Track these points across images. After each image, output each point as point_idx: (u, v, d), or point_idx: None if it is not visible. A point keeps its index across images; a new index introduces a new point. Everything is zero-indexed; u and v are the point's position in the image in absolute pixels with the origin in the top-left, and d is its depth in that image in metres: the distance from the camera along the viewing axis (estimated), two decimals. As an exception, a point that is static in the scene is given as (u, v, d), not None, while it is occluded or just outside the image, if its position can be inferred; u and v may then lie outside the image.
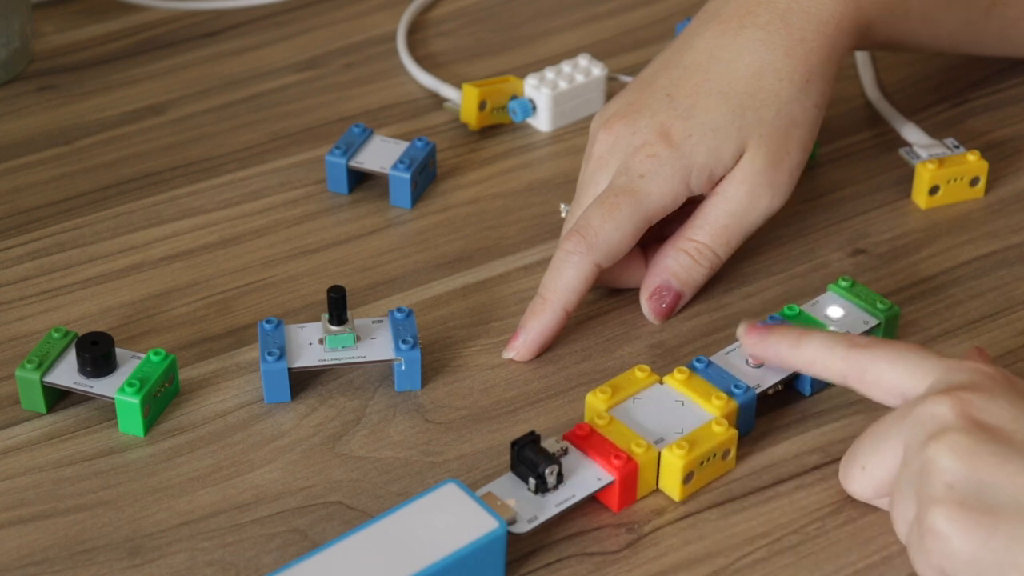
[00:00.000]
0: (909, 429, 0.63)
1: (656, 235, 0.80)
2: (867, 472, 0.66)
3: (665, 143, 0.77)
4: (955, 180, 0.86)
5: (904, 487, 0.63)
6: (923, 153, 0.87)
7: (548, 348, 0.77)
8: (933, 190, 0.86)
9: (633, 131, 0.78)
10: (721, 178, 0.77)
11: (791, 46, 0.78)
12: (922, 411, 0.62)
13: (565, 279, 0.76)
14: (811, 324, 0.75)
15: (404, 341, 0.74)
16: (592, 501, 0.68)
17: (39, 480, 0.70)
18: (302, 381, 0.75)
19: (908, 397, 0.65)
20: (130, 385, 0.71)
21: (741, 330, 0.71)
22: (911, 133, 0.89)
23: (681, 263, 0.78)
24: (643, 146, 0.77)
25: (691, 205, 0.79)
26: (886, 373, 0.66)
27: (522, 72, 0.95)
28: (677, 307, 0.78)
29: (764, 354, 0.71)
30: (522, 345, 0.76)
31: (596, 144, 0.79)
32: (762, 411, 0.73)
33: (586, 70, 0.93)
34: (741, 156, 0.77)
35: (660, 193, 0.76)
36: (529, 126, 0.93)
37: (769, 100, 0.78)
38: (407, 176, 0.86)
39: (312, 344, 0.74)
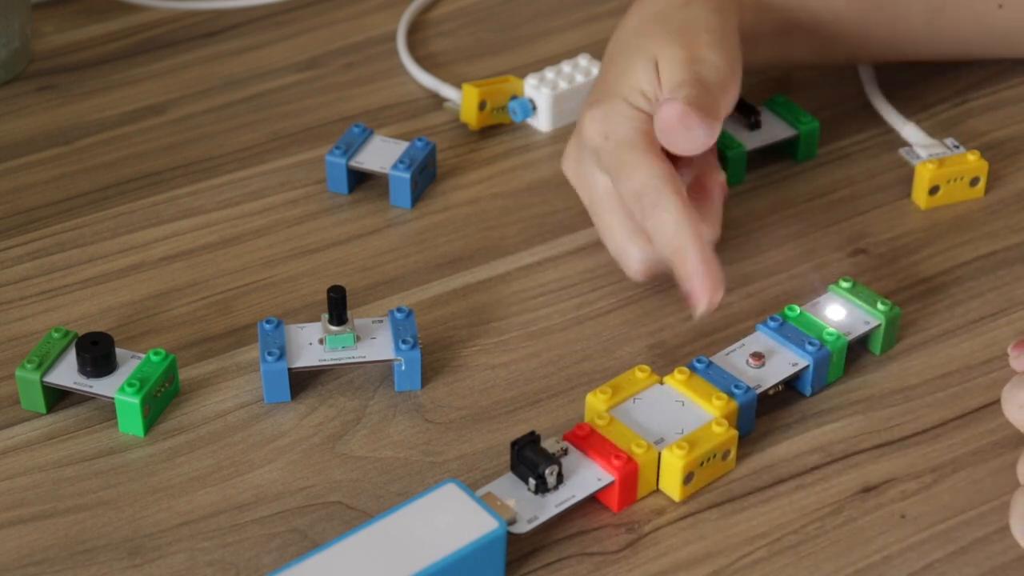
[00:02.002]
0: None
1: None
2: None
3: (591, 109, 0.77)
4: (955, 180, 0.86)
5: None
6: (923, 153, 0.87)
7: (551, 348, 0.77)
8: (933, 190, 0.86)
9: (577, 135, 0.79)
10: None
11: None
12: None
13: (673, 218, 0.72)
14: (812, 325, 0.75)
15: (404, 341, 0.74)
16: (592, 501, 0.68)
17: (39, 480, 0.70)
18: (302, 381, 0.75)
19: None
20: (130, 385, 0.71)
21: (1010, 348, 0.68)
22: (911, 133, 0.89)
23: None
24: (585, 128, 0.77)
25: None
26: None
27: (522, 72, 0.95)
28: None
29: None
30: (704, 295, 0.72)
31: (569, 178, 0.80)
32: (762, 411, 0.73)
33: (586, 70, 0.93)
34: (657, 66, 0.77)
35: (628, 127, 0.75)
36: (529, 126, 0.93)
37: (656, 25, 0.78)
38: (407, 176, 0.86)
39: (312, 344, 0.74)
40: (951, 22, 0.89)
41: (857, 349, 0.76)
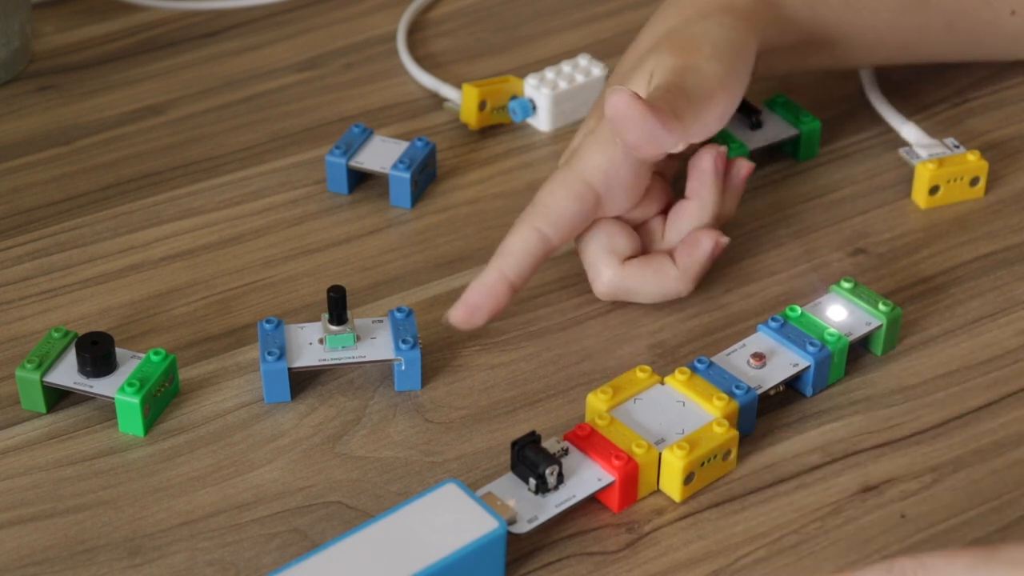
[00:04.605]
0: None
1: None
2: None
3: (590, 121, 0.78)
4: (955, 180, 0.86)
5: None
6: (923, 153, 0.87)
7: (551, 348, 0.77)
8: (933, 190, 0.86)
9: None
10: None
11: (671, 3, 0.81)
12: None
13: (508, 243, 0.75)
14: (813, 326, 0.75)
15: (404, 341, 0.74)
16: (592, 501, 0.68)
17: (39, 480, 0.70)
18: (302, 381, 0.75)
19: None
20: (130, 385, 0.71)
21: None
22: (911, 133, 0.89)
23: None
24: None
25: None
26: None
27: (522, 72, 0.95)
28: None
29: None
30: (459, 306, 0.74)
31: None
32: (763, 411, 0.73)
33: (586, 70, 0.93)
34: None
35: (591, 149, 0.76)
36: (529, 126, 0.93)
37: (664, 40, 0.79)
38: (407, 176, 0.86)
39: (312, 344, 0.74)
40: (969, 27, 0.89)
41: (858, 349, 0.76)
